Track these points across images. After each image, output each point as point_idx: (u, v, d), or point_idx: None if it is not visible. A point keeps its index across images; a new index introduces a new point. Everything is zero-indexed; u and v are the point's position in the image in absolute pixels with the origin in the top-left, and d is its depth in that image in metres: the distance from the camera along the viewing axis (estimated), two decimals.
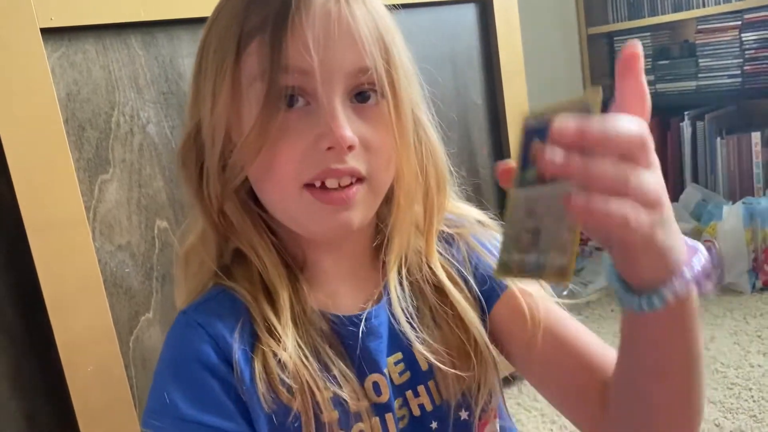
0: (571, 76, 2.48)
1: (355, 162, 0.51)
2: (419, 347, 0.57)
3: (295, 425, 0.51)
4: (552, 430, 1.39)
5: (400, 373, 0.58)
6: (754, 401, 1.38)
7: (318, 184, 0.51)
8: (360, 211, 0.53)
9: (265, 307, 0.54)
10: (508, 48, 1.43)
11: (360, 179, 0.52)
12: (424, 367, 0.58)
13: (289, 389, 0.51)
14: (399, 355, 0.58)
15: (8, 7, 0.80)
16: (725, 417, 1.34)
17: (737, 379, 1.48)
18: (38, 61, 0.83)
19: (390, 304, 0.58)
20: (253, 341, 0.52)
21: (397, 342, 0.57)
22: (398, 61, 0.52)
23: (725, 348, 1.62)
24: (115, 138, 0.92)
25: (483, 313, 0.61)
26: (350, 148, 0.50)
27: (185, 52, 0.97)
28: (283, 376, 0.51)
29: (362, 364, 0.55)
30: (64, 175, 0.86)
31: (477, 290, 0.61)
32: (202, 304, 0.55)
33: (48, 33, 0.84)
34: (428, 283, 0.60)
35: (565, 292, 1.90)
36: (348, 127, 0.49)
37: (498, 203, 1.50)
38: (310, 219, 0.52)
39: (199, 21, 0.96)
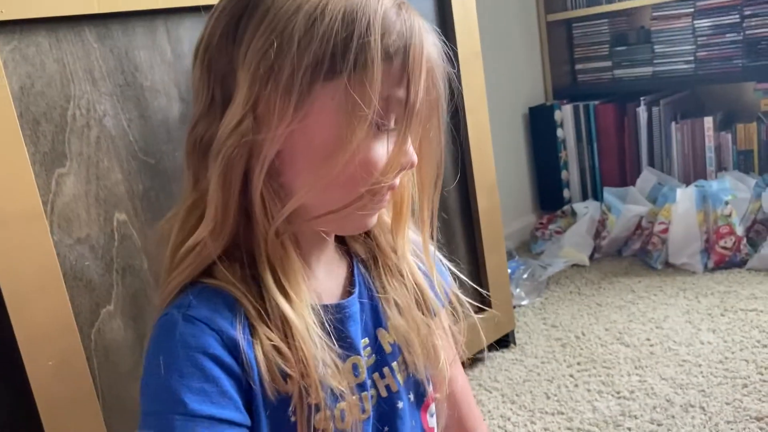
0: (530, 62, 2.52)
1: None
2: (386, 331, 0.65)
3: (292, 411, 0.55)
4: (512, 409, 1.43)
5: (368, 356, 0.63)
6: (703, 377, 1.44)
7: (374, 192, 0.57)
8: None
9: (278, 299, 0.56)
10: (465, 34, 1.45)
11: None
12: (387, 350, 0.65)
13: (286, 376, 0.54)
14: (366, 341, 0.64)
15: None
16: (676, 393, 1.39)
17: (688, 356, 1.54)
18: None
19: (362, 293, 0.64)
20: (250, 333, 0.54)
21: (366, 328, 0.64)
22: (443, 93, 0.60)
23: (678, 327, 1.68)
24: (72, 131, 0.92)
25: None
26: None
27: (141, 44, 0.96)
28: (280, 362, 0.54)
29: (343, 348, 0.60)
30: (19, 169, 0.85)
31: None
32: (195, 301, 0.55)
33: None
34: (397, 272, 0.67)
35: (525, 275, 1.95)
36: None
37: (461, 224, 1.53)
38: (357, 218, 0.59)
39: (154, 13, 0.97)
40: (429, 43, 0.56)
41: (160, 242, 0.61)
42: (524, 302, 1.95)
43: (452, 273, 0.74)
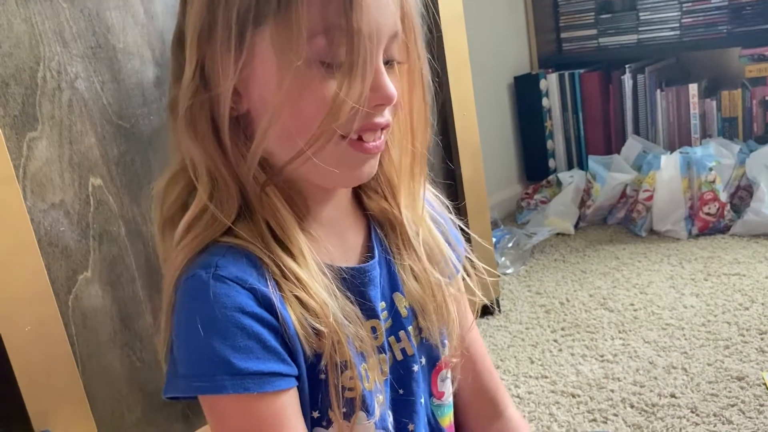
0: (515, 31, 2.50)
1: (388, 116, 0.56)
2: (402, 296, 0.64)
3: (322, 369, 0.55)
4: None
5: (385, 320, 0.63)
6: (685, 339, 1.45)
7: (355, 136, 0.54)
8: (377, 160, 0.59)
9: (283, 257, 0.55)
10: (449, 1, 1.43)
11: (384, 130, 0.57)
12: (404, 314, 0.64)
13: (317, 333, 0.54)
14: (383, 304, 0.63)
15: None
16: (658, 355, 1.41)
17: (671, 320, 1.55)
18: None
19: (380, 257, 0.63)
20: (280, 291, 0.54)
21: (383, 292, 0.63)
22: (418, 26, 0.57)
23: (662, 292, 1.69)
24: (42, 94, 0.90)
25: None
26: (395, 105, 0.55)
27: (112, 5, 0.94)
28: (311, 320, 0.54)
29: (363, 311, 0.59)
30: None
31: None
32: (222, 261, 0.53)
33: None
34: (414, 234, 0.65)
35: (510, 245, 1.95)
36: (392, 85, 0.54)
37: (437, 152, 1.52)
38: (342, 167, 0.55)
39: None
40: None
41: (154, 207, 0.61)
42: (509, 271, 1.95)
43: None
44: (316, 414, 0.58)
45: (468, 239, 0.73)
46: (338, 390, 0.56)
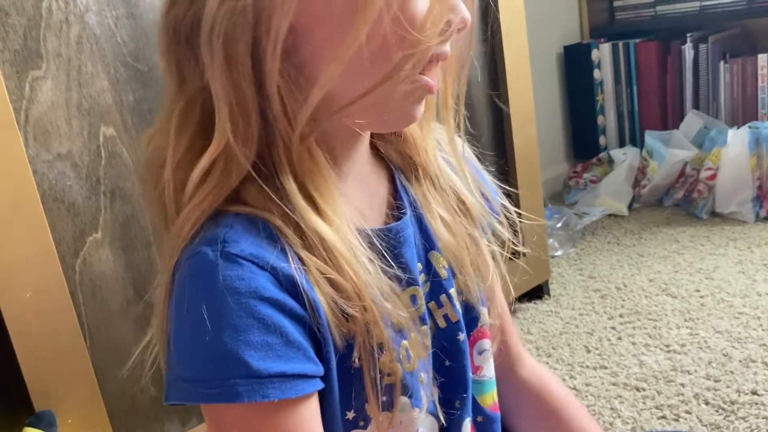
0: (570, 29, 2.33)
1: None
2: (439, 254, 0.54)
3: (357, 355, 0.46)
4: (548, 363, 1.30)
5: (423, 283, 0.53)
6: (763, 330, 1.30)
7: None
8: None
9: (315, 220, 0.44)
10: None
11: None
12: (443, 275, 0.55)
13: (346, 314, 0.45)
14: (420, 266, 0.53)
15: None
16: (733, 347, 1.25)
17: (744, 308, 1.39)
18: None
19: (412, 211, 0.54)
20: (304, 267, 0.44)
21: (418, 252, 0.53)
22: None
23: (730, 278, 1.53)
24: (47, 27, 0.78)
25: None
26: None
27: None
28: (338, 298, 0.44)
29: (401, 278, 0.50)
30: None
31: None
32: (231, 234, 0.43)
33: None
34: (445, 186, 0.56)
35: (559, 225, 1.78)
36: None
37: (495, 162, 1.39)
38: (401, 105, 0.47)
39: None
40: None
41: (148, 168, 0.48)
42: (558, 252, 1.81)
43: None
44: (351, 415, 0.48)
45: (518, 216, 0.61)
46: (375, 380, 0.47)
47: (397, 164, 0.56)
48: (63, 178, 0.81)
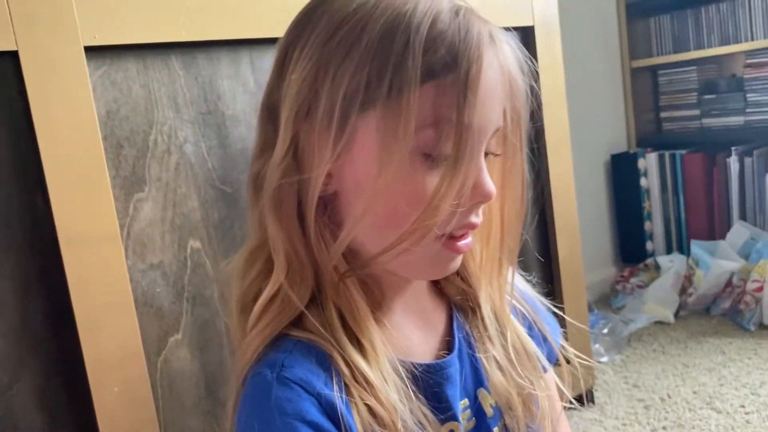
0: (613, 109, 2.44)
1: (481, 215, 0.53)
2: (487, 392, 0.58)
3: None
4: None
5: (467, 420, 0.57)
6: None
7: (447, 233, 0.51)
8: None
9: (353, 353, 0.51)
10: (550, 77, 1.41)
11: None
12: (489, 413, 0.58)
13: None
14: (465, 402, 0.57)
15: (54, 25, 0.81)
16: None
17: None
18: (81, 79, 0.83)
19: (461, 349, 0.57)
20: (346, 393, 0.50)
21: (465, 388, 0.58)
22: (524, 119, 0.53)
23: None
24: (152, 156, 0.92)
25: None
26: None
27: (224, 74, 0.97)
28: (378, 428, 0.49)
29: (440, 413, 0.54)
30: (100, 191, 0.85)
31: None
32: (289, 360, 0.50)
33: (91, 51, 0.85)
34: (496, 321, 0.60)
35: (605, 330, 1.83)
36: (491, 183, 0.51)
37: (536, 231, 1.47)
38: (430, 265, 0.53)
39: (238, 43, 0.97)
40: (493, 54, 0.49)
41: (228, 284, 0.58)
42: (604, 359, 1.83)
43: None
44: None
45: (563, 324, 0.68)
46: None
47: (456, 301, 0.61)
48: (154, 285, 0.93)
